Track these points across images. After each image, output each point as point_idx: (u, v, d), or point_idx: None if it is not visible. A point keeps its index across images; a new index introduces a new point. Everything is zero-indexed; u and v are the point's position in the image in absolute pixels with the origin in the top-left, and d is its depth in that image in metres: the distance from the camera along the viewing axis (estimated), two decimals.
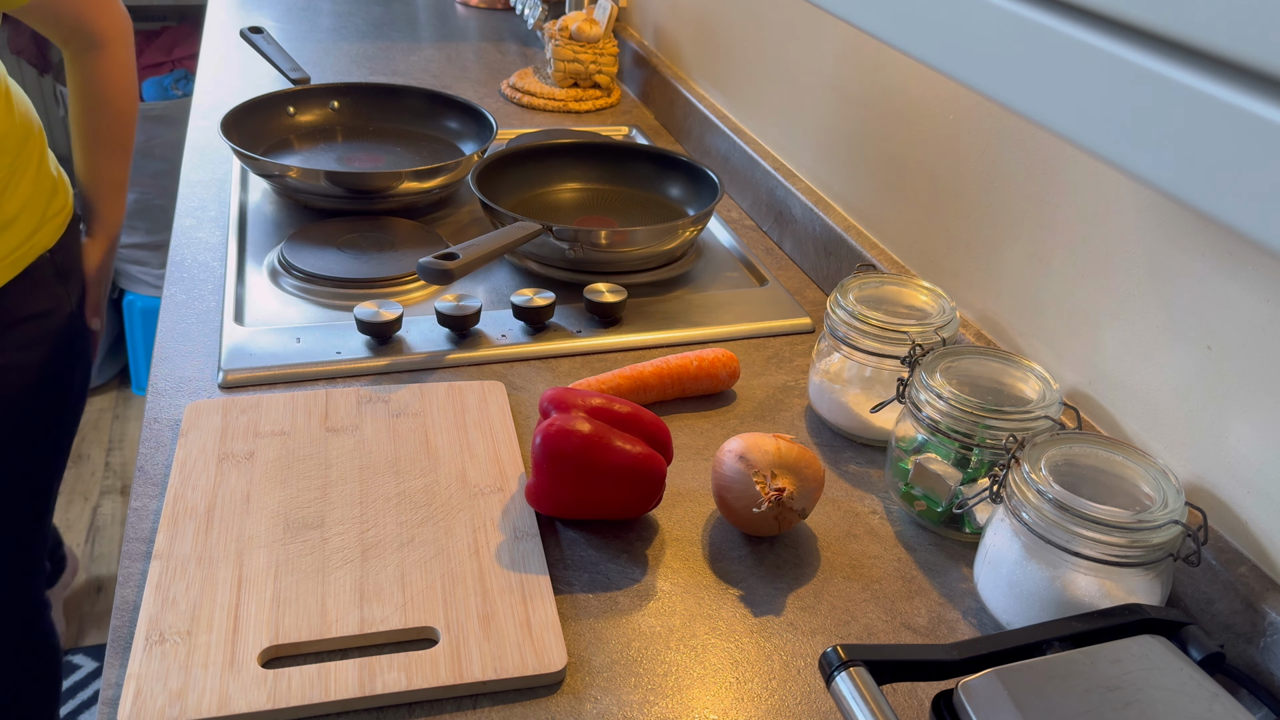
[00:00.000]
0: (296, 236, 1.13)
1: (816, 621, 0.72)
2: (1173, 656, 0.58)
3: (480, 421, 0.87)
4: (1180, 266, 0.71)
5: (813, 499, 0.77)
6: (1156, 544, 0.64)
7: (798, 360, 1.02)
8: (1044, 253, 0.84)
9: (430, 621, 0.67)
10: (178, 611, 0.67)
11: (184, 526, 0.73)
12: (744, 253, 1.21)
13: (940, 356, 0.80)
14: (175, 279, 1.07)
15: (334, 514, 0.76)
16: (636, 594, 0.73)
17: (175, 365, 0.93)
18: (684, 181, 1.26)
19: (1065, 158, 0.81)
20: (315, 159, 1.32)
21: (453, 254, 0.96)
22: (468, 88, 1.68)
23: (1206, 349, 0.69)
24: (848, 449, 0.90)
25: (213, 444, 0.81)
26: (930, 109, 0.97)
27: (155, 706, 0.60)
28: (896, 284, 0.92)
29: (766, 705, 0.66)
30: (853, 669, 0.56)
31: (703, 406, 0.94)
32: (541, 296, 1.01)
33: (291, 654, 0.66)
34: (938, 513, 0.79)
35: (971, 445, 0.76)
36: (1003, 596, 0.70)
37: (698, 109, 1.46)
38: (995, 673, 0.56)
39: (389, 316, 0.96)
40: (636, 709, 0.65)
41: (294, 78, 1.44)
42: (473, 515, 0.77)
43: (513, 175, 1.24)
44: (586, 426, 0.74)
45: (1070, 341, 0.82)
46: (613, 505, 0.76)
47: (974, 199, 0.92)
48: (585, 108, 1.63)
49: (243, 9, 1.98)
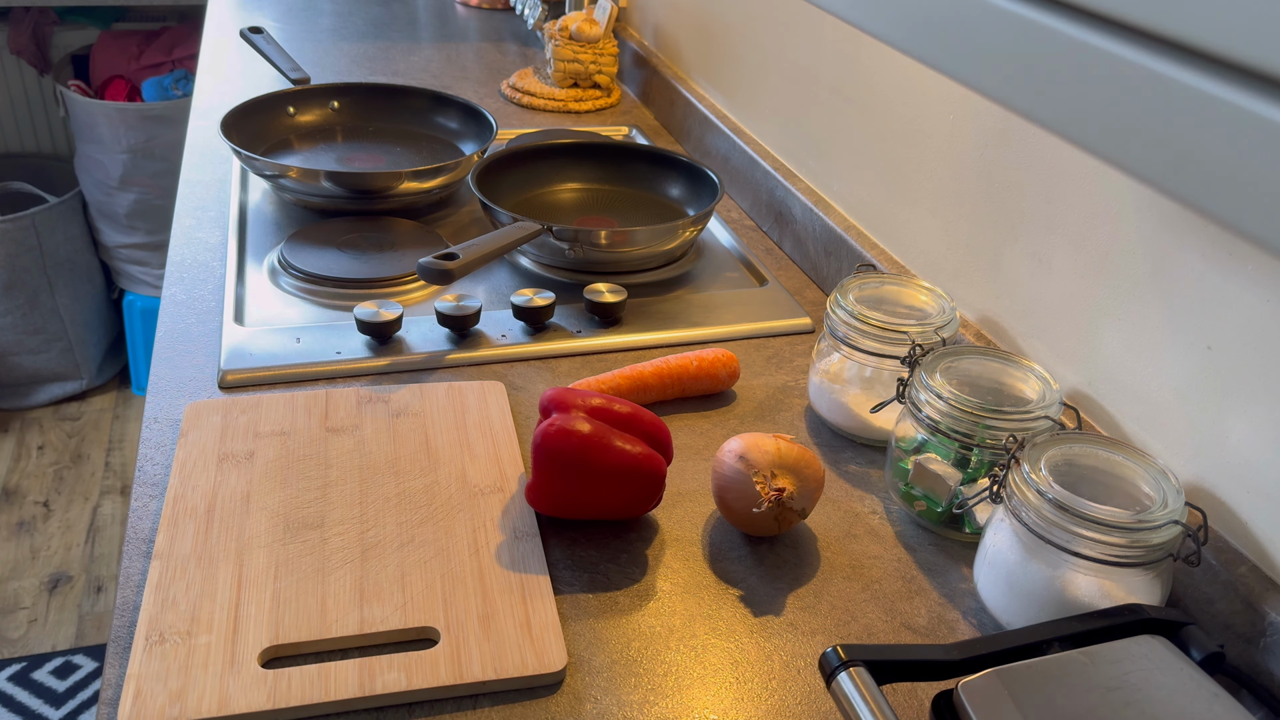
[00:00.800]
0: (296, 236, 1.13)
1: (816, 621, 0.72)
2: (1173, 656, 0.58)
3: (480, 421, 0.87)
4: (1180, 266, 0.71)
5: (813, 499, 0.77)
6: (1156, 544, 0.64)
7: (798, 360, 1.02)
8: (1044, 253, 0.84)
9: (430, 621, 0.67)
10: (178, 611, 0.67)
11: (184, 526, 0.73)
12: (744, 253, 1.21)
13: (940, 356, 0.80)
14: (175, 279, 1.07)
15: (334, 514, 0.76)
16: (636, 594, 0.73)
17: (175, 365, 0.93)
18: (684, 181, 1.26)
19: (1065, 158, 0.81)
20: (315, 159, 1.32)
21: (453, 254, 0.96)
22: (468, 88, 1.68)
23: (1206, 349, 0.69)
24: (848, 449, 0.90)
25: (213, 444, 0.81)
26: (930, 109, 0.97)
27: (155, 706, 0.60)
28: (896, 284, 0.92)
29: (766, 705, 0.66)
30: (853, 669, 0.56)
31: (703, 406, 0.94)
32: (541, 296, 1.01)
33: (291, 654, 0.66)
34: (938, 513, 0.79)
35: (971, 445, 0.76)
36: (1003, 596, 0.70)
37: (698, 109, 1.46)
38: (995, 673, 0.56)
39: (389, 316, 0.96)
40: (636, 709, 0.65)
41: (294, 78, 1.44)
42: (473, 515, 0.77)
43: (513, 175, 1.24)
44: (586, 426, 0.74)
45: (1070, 341, 0.82)
46: (613, 505, 0.76)
47: (974, 199, 0.92)
48: (585, 108, 1.63)
49: (243, 9, 1.98)
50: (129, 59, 2.55)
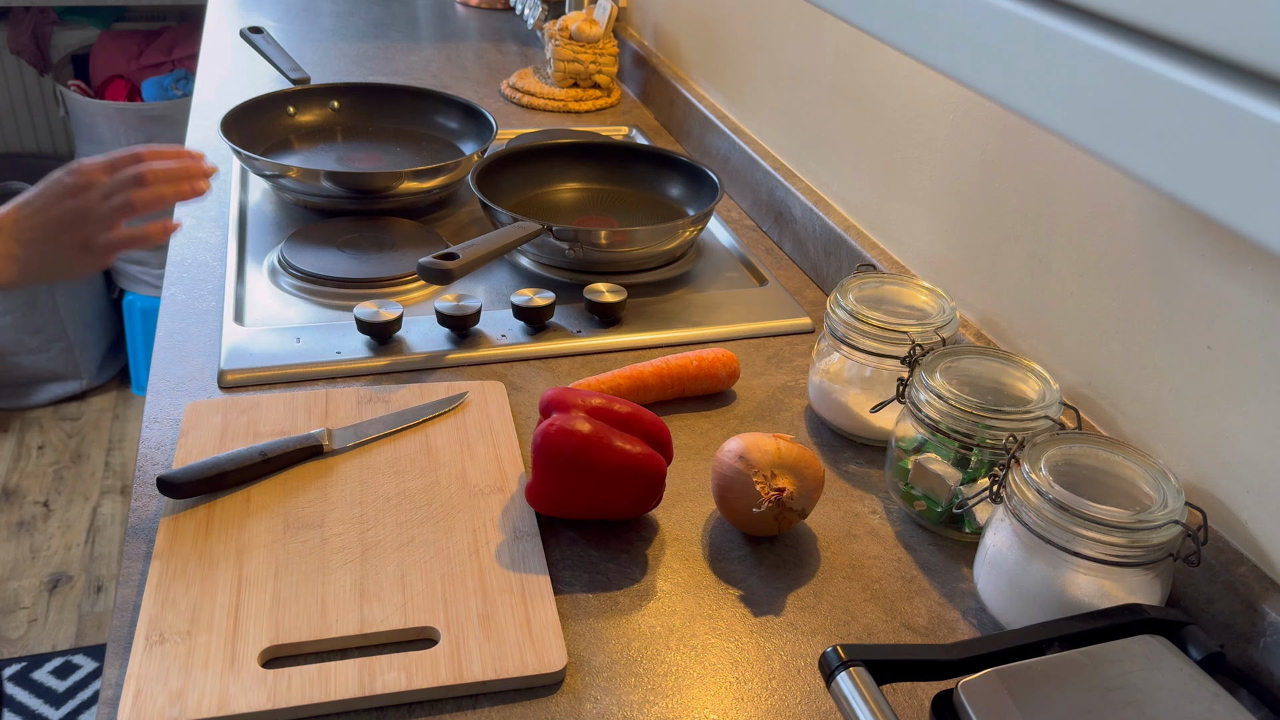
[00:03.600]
0: (296, 236, 1.13)
1: (816, 621, 0.72)
2: (1173, 656, 0.58)
3: (480, 421, 0.87)
4: (1180, 266, 0.71)
5: (813, 499, 0.77)
6: (1156, 544, 0.64)
7: (798, 360, 1.02)
8: (1044, 253, 0.84)
9: (430, 621, 0.67)
10: (178, 611, 0.67)
11: (184, 526, 0.73)
12: (744, 253, 1.21)
13: (940, 356, 0.80)
14: (175, 279, 1.07)
15: (334, 514, 0.76)
16: (636, 594, 0.73)
17: (175, 365, 0.93)
18: (684, 181, 1.26)
19: (1065, 158, 0.81)
20: (315, 159, 1.32)
21: (453, 254, 0.96)
22: (468, 88, 1.68)
23: (1206, 349, 0.69)
24: (848, 449, 0.90)
25: (213, 444, 0.81)
26: (930, 109, 0.97)
27: (155, 706, 0.60)
28: (896, 284, 0.92)
29: (766, 705, 0.66)
30: (853, 669, 0.56)
31: (703, 406, 0.94)
32: (541, 296, 1.01)
33: (291, 654, 0.66)
34: (938, 513, 0.79)
35: (971, 445, 0.76)
36: (1003, 596, 0.70)
37: (698, 109, 1.46)
38: (995, 673, 0.56)
39: (389, 316, 0.96)
40: (636, 709, 0.65)
41: (294, 78, 1.44)
42: (473, 515, 0.77)
43: (513, 175, 1.24)
44: (586, 426, 0.74)
45: (1070, 341, 0.82)
46: (613, 505, 0.76)
47: (974, 199, 0.92)
48: (585, 108, 1.63)
49: (243, 9, 1.98)
50: (129, 59, 2.55)
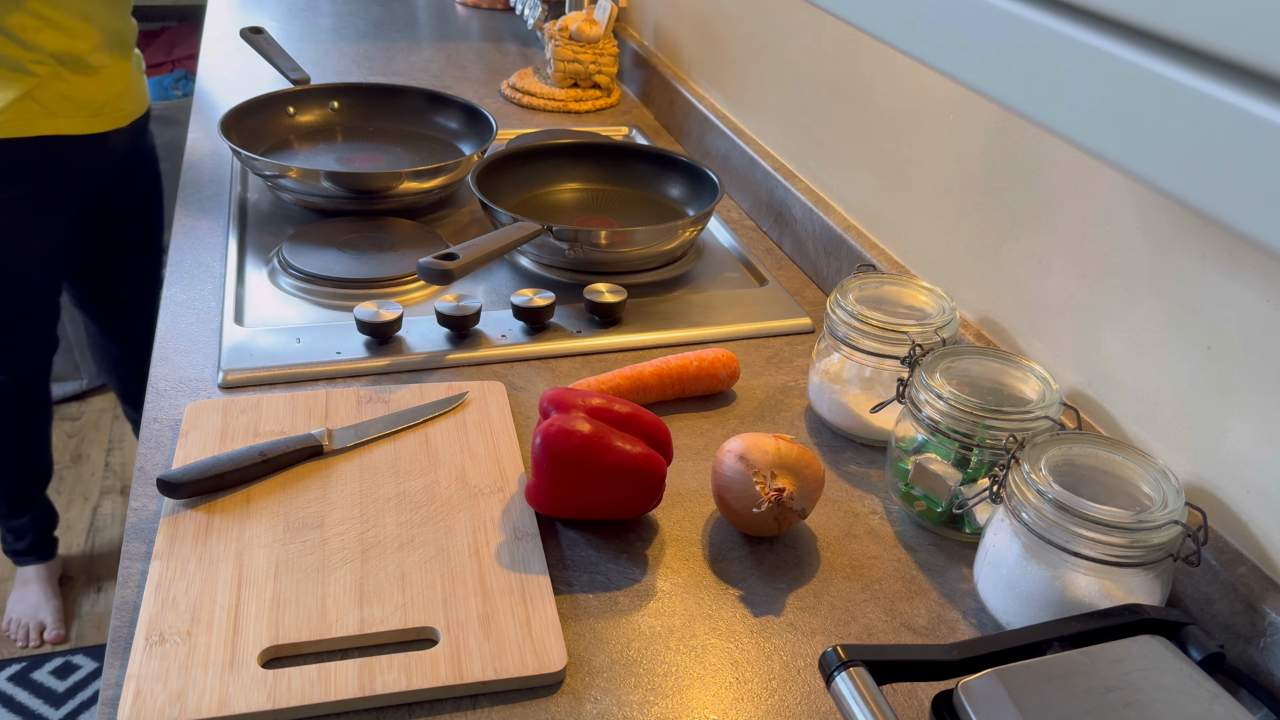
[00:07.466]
0: (296, 236, 1.13)
1: (816, 621, 0.72)
2: (1173, 657, 0.58)
3: (480, 421, 0.87)
4: (1180, 266, 0.71)
5: (813, 499, 0.77)
6: (1156, 544, 0.64)
7: (798, 360, 1.02)
8: (1044, 253, 0.84)
9: (430, 622, 0.67)
10: (178, 611, 0.67)
11: (184, 526, 0.73)
12: (744, 253, 1.21)
13: (940, 356, 0.80)
14: (175, 279, 1.07)
15: (334, 514, 0.76)
16: (636, 594, 0.73)
17: (175, 365, 0.93)
18: (684, 181, 1.26)
19: (1065, 158, 0.81)
20: (315, 159, 1.32)
21: (453, 254, 0.96)
22: (468, 88, 1.68)
23: (1206, 349, 0.69)
24: (848, 449, 0.90)
25: (213, 444, 0.81)
26: (930, 109, 0.97)
27: (155, 706, 0.60)
28: (896, 284, 0.92)
29: (766, 705, 0.66)
30: (853, 669, 0.56)
31: (703, 406, 0.94)
32: (541, 296, 1.01)
33: (291, 654, 0.66)
34: (938, 513, 0.79)
35: (971, 445, 0.76)
36: (1003, 596, 0.70)
37: (698, 109, 1.46)
38: (995, 673, 0.56)
39: (389, 316, 0.96)
40: (636, 709, 0.65)
41: (294, 78, 1.44)
42: (473, 515, 0.77)
43: (513, 175, 1.24)
44: (586, 426, 0.74)
45: (1070, 341, 0.82)
46: (613, 505, 0.76)
47: (974, 199, 0.92)
48: (585, 108, 1.63)
49: (243, 9, 1.98)
50: None
